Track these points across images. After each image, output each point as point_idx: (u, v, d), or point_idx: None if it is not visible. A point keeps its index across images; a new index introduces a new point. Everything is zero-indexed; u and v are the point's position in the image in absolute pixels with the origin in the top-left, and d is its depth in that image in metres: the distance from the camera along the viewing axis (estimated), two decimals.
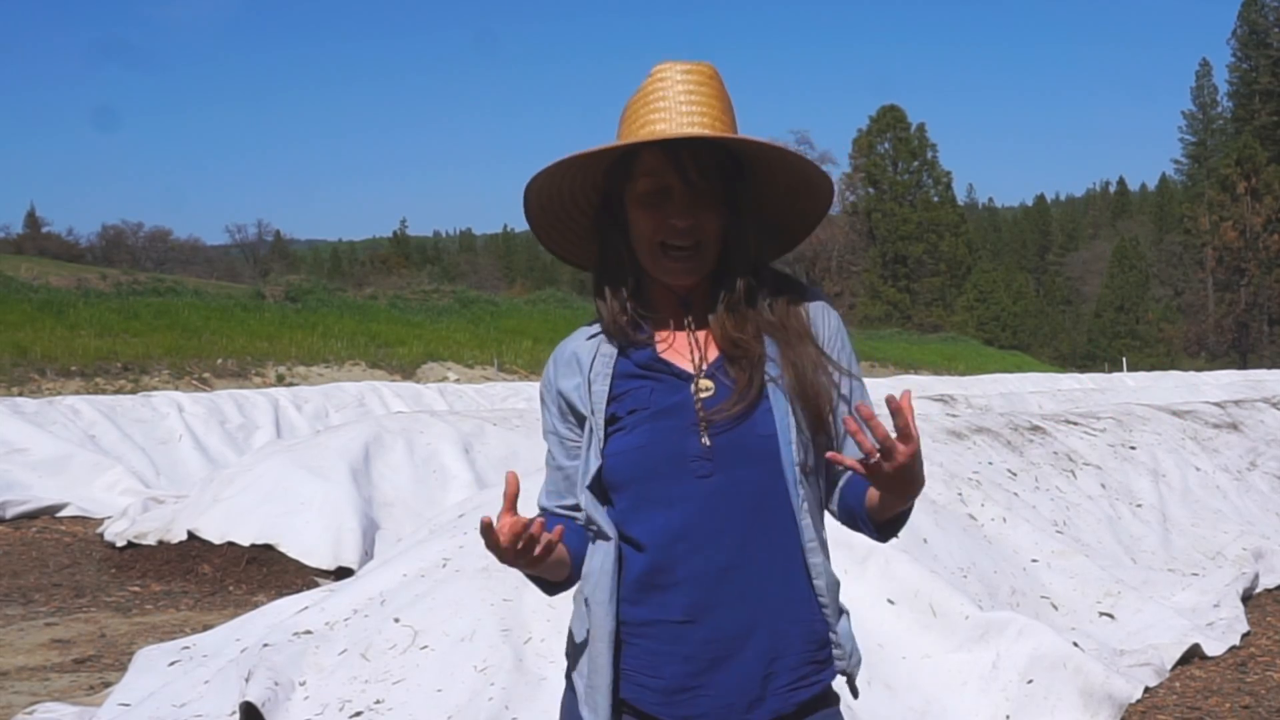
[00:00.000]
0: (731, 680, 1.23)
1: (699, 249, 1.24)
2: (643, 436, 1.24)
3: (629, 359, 1.29)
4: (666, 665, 1.23)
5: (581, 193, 1.31)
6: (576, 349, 1.32)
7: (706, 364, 1.26)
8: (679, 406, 1.25)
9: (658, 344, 1.29)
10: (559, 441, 1.33)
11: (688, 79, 1.25)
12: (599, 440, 1.26)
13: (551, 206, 1.32)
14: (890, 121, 56.22)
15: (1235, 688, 3.64)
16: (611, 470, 1.25)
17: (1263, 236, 48.80)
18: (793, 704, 1.24)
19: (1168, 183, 70.89)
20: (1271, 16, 53.54)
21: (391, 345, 20.68)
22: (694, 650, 1.22)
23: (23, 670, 4.08)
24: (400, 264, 49.08)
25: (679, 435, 1.23)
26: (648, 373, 1.27)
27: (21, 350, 15.03)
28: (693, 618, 1.22)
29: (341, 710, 2.80)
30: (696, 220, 1.23)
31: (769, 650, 1.23)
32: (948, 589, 3.43)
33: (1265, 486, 6.24)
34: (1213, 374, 23.81)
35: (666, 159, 1.22)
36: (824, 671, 1.27)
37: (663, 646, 1.24)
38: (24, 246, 45.39)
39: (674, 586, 1.23)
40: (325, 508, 5.73)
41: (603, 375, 1.28)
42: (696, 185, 1.23)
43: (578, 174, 1.29)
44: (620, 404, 1.27)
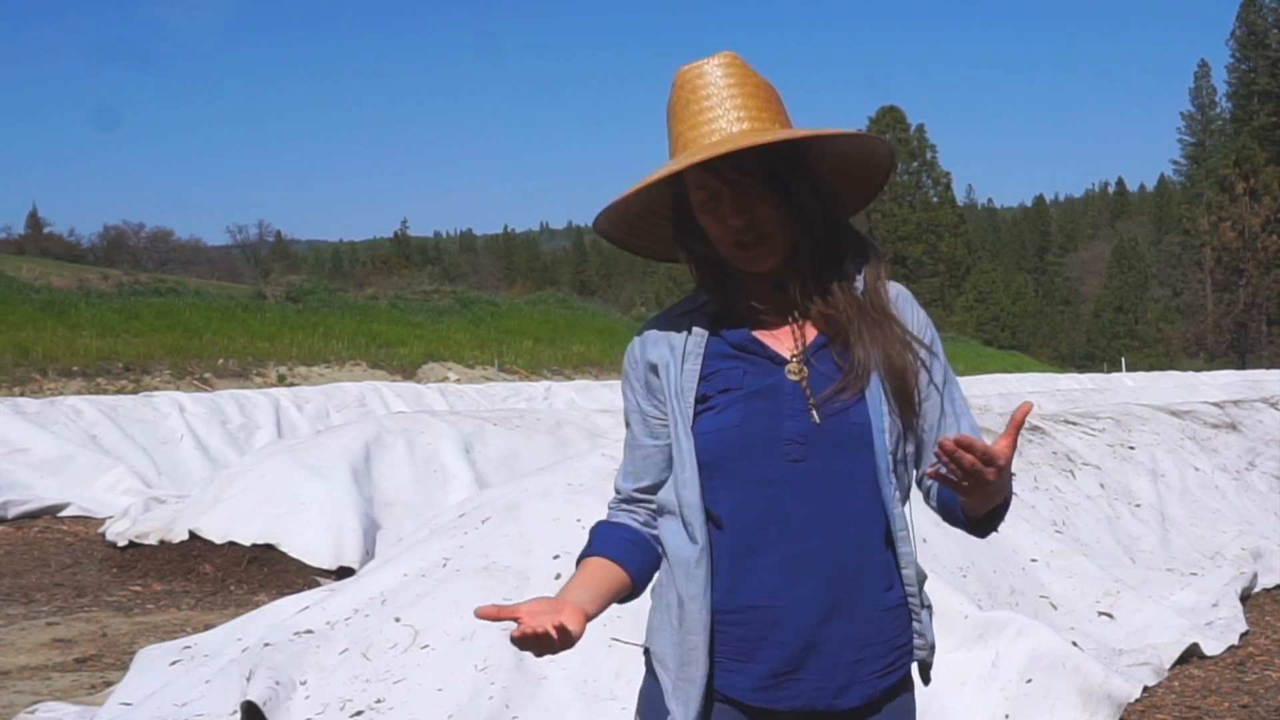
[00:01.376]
0: (823, 666, 1.23)
1: (764, 238, 1.26)
2: (735, 416, 1.25)
3: (722, 339, 1.29)
4: (759, 652, 1.23)
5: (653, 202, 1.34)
6: (667, 326, 1.33)
7: (804, 347, 1.27)
8: (773, 389, 1.25)
9: (755, 325, 1.30)
10: (642, 419, 1.33)
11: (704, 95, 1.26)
12: (688, 419, 1.26)
13: (630, 228, 1.36)
14: (890, 122, 56.23)
15: (1234, 687, 3.65)
16: (704, 449, 1.25)
17: (1261, 237, 48.79)
18: (881, 689, 1.26)
19: (1166, 183, 70.92)
20: (1270, 17, 53.55)
21: (392, 345, 20.69)
22: (786, 636, 1.22)
23: (24, 669, 4.08)
24: (401, 264, 49.05)
25: (772, 417, 1.24)
26: (741, 353, 1.28)
27: (23, 350, 15.04)
28: (784, 603, 1.23)
29: (343, 709, 2.81)
30: (751, 215, 1.25)
31: (859, 637, 1.24)
32: (947, 588, 3.43)
33: (1264, 486, 6.25)
34: (1211, 374, 23.83)
35: (706, 170, 1.25)
36: (906, 657, 1.29)
37: (754, 633, 1.23)
38: (25, 247, 45.38)
39: (765, 571, 1.23)
40: (326, 507, 5.74)
41: (695, 354, 1.28)
42: (740, 184, 1.25)
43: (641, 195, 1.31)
44: (710, 383, 1.27)
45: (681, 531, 1.27)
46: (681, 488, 1.26)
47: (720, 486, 1.25)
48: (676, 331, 1.31)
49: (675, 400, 1.28)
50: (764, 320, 1.30)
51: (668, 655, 1.27)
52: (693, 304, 1.33)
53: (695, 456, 1.25)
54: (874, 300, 1.28)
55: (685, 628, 1.25)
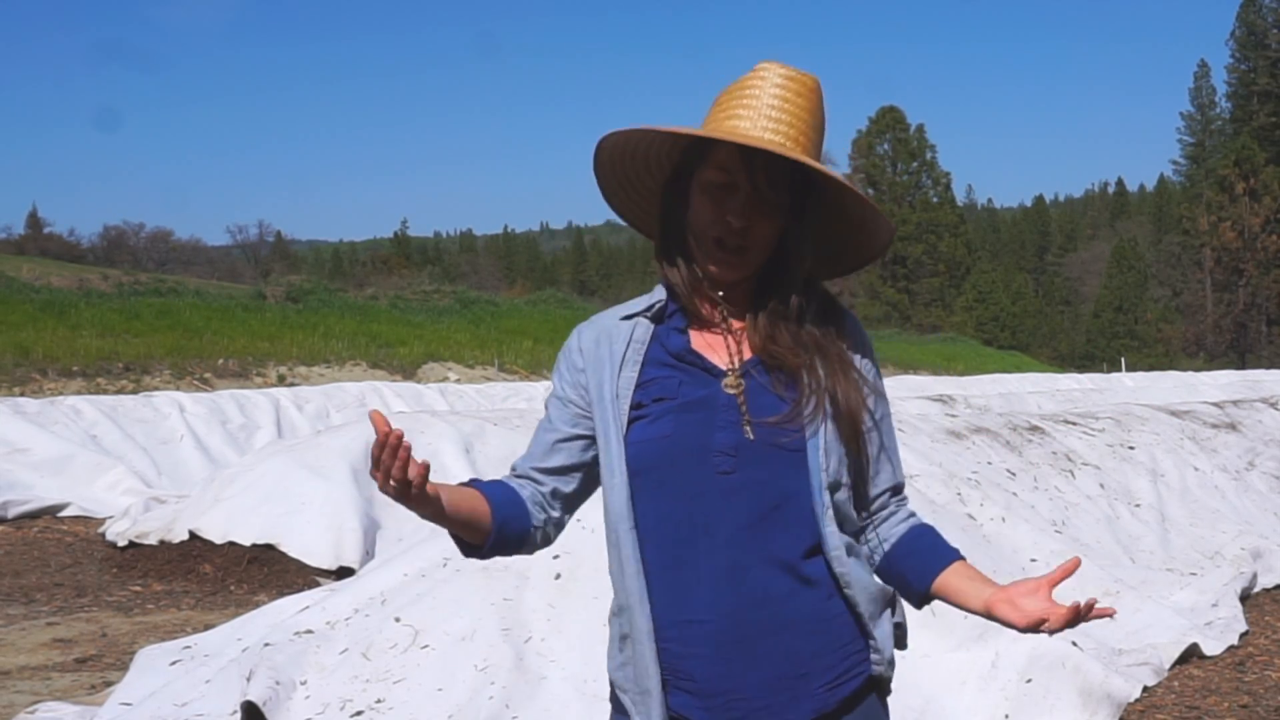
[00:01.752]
0: (766, 682, 1.21)
1: (746, 252, 1.24)
2: (667, 426, 1.23)
3: (662, 346, 1.28)
4: (698, 668, 1.21)
5: (655, 160, 1.31)
6: (609, 327, 1.31)
7: (740, 362, 1.26)
8: (707, 400, 1.24)
9: (692, 336, 1.29)
10: (562, 404, 1.32)
11: (785, 86, 1.25)
12: (621, 426, 1.25)
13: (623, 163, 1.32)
14: (889, 122, 56.23)
15: (1233, 687, 3.65)
16: (634, 458, 1.24)
17: (1261, 237, 48.81)
18: (834, 701, 1.23)
19: (1166, 183, 70.95)
20: (1270, 18, 53.57)
21: (392, 345, 20.70)
22: (722, 652, 1.21)
23: (24, 669, 4.08)
24: (401, 264, 49.08)
25: (703, 429, 1.22)
26: (679, 363, 1.27)
27: (23, 350, 15.05)
28: (716, 617, 1.21)
29: (343, 709, 2.82)
30: (751, 224, 1.23)
31: (801, 649, 1.22)
32: None
33: (1263, 486, 6.25)
34: (1211, 374, 23.83)
35: (740, 158, 1.23)
36: (863, 665, 1.26)
37: (691, 649, 1.22)
38: (26, 247, 45.39)
39: (695, 584, 1.21)
40: (326, 507, 5.74)
41: (633, 361, 1.27)
42: (761, 191, 1.23)
43: (655, 142, 1.28)
44: (646, 391, 1.26)
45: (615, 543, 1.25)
46: (609, 494, 1.25)
47: (650, 497, 1.23)
48: (618, 335, 1.30)
49: (610, 405, 1.26)
50: (704, 325, 1.29)
51: (625, 677, 1.26)
52: (638, 307, 1.32)
53: (625, 464, 1.24)
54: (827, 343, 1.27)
55: (633, 639, 1.23)
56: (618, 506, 1.24)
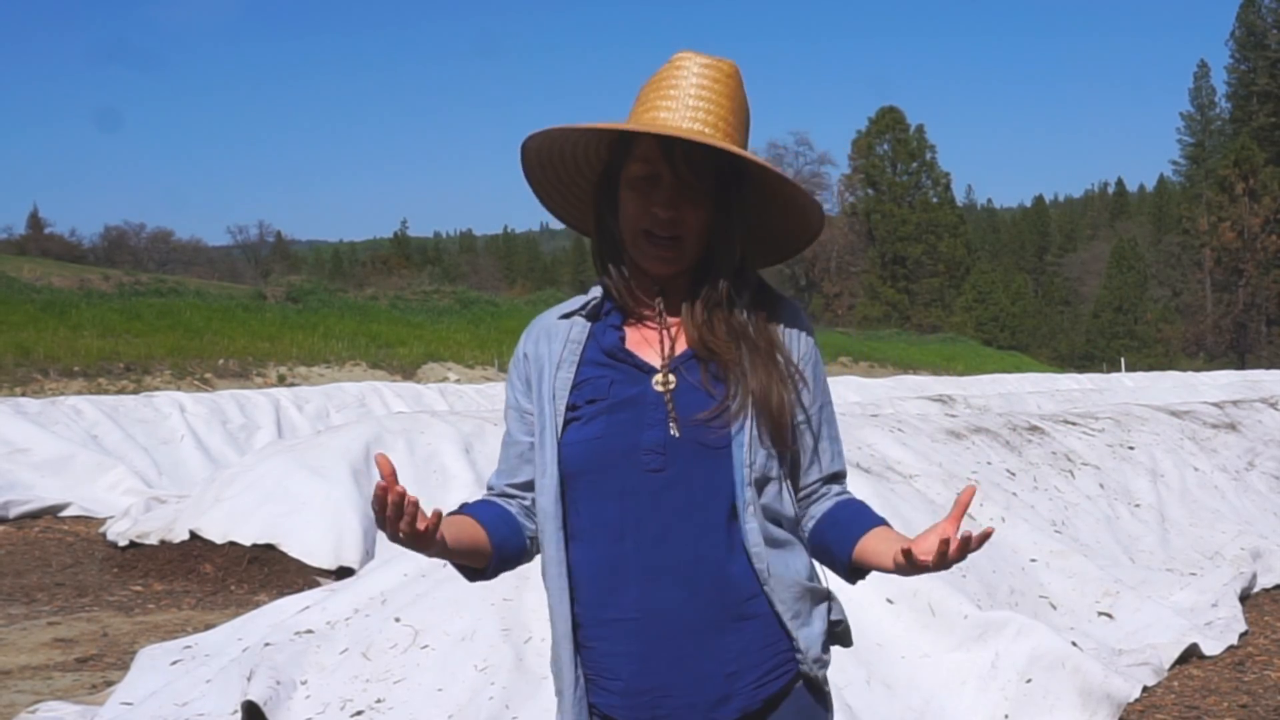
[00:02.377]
0: (691, 679, 1.21)
1: (679, 242, 1.24)
2: (598, 428, 1.24)
3: (597, 345, 1.28)
4: (624, 666, 1.22)
5: (585, 160, 1.31)
6: (549, 326, 1.32)
7: (673, 357, 1.26)
8: (636, 399, 1.24)
9: (628, 333, 1.29)
10: (519, 416, 1.32)
11: (704, 74, 1.25)
12: (556, 428, 1.25)
13: (553, 165, 1.32)
14: (889, 123, 56.23)
15: (1233, 687, 3.65)
16: (567, 460, 1.24)
17: (1260, 237, 48.81)
18: (760, 700, 1.23)
19: (1166, 184, 70.94)
20: (1269, 18, 53.57)
21: (392, 346, 20.72)
22: (648, 649, 1.21)
23: (25, 669, 4.09)
24: (401, 265, 49.08)
25: (632, 428, 1.23)
26: (611, 361, 1.27)
27: (24, 351, 15.06)
28: (642, 616, 1.21)
29: (343, 709, 2.82)
30: (679, 213, 1.23)
31: (730, 647, 1.22)
32: (946, 588, 3.44)
33: (1263, 486, 6.25)
34: (1211, 374, 23.83)
35: (660, 150, 1.23)
36: (787, 664, 1.26)
37: (618, 647, 1.22)
38: (27, 247, 45.38)
39: (625, 583, 1.22)
40: (326, 507, 5.75)
41: (569, 362, 1.28)
42: (685, 179, 1.23)
43: (581, 141, 1.28)
44: (580, 392, 1.26)
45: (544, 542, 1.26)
46: (540, 494, 1.26)
47: (582, 498, 1.24)
48: (557, 335, 1.30)
49: (547, 404, 1.27)
50: (640, 321, 1.29)
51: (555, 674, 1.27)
52: (574, 306, 1.32)
53: (557, 466, 1.24)
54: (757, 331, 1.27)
55: (555, 639, 1.25)
56: (546, 506, 1.25)
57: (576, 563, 1.24)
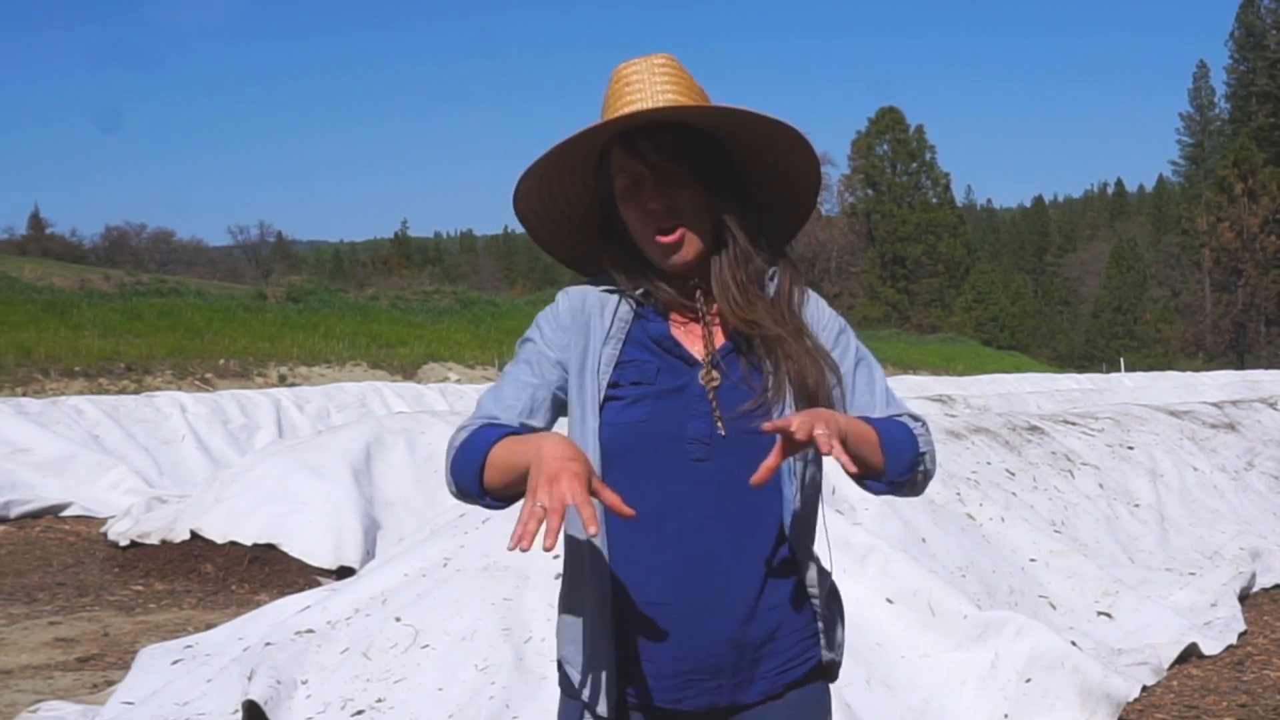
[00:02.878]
0: (724, 664, 1.23)
1: (683, 225, 1.25)
2: (642, 412, 1.24)
3: (643, 328, 1.28)
4: (655, 651, 1.23)
5: (575, 195, 1.33)
6: (595, 297, 1.30)
7: (714, 351, 1.27)
8: (683, 389, 1.25)
9: (672, 322, 1.29)
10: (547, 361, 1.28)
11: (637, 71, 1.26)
12: (596, 401, 1.25)
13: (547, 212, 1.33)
14: (889, 123, 56.23)
15: (1232, 686, 3.66)
16: (609, 440, 1.24)
17: (1260, 237, 48.80)
18: (780, 685, 1.26)
19: (1165, 184, 70.96)
20: (1268, 19, 53.57)
21: (393, 346, 20.72)
22: (683, 634, 1.23)
23: (26, 669, 4.09)
24: (401, 265, 49.12)
25: (678, 417, 1.24)
26: (658, 349, 1.27)
27: (25, 351, 15.06)
28: (682, 601, 1.22)
29: (343, 709, 2.82)
30: (671, 200, 1.24)
31: (759, 634, 1.24)
32: (946, 588, 3.44)
33: (1262, 486, 6.26)
34: (1210, 374, 23.83)
35: (628, 153, 1.24)
36: (813, 650, 1.29)
37: (647, 633, 1.24)
38: (28, 247, 45.41)
39: (662, 567, 1.23)
40: (327, 507, 5.75)
41: (617, 338, 1.27)
42: (661, 168, 1.24)
43: (565, 176, 1.29)
44: (624, 372, 1.26)
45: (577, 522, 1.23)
46: None
47: (621, 480, 1.22)
48: (604, 308, 1.29)
49: (590, 377, 1.26)
50: (682, 314, 1.29)
51: (575, 653, 1.26)
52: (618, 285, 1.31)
53: (599, 444, 1.24)
54: (789, 311, 1.28)
55: (588, 618, 1.24)
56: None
57: (614, 543, 1.25)
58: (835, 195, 57.84)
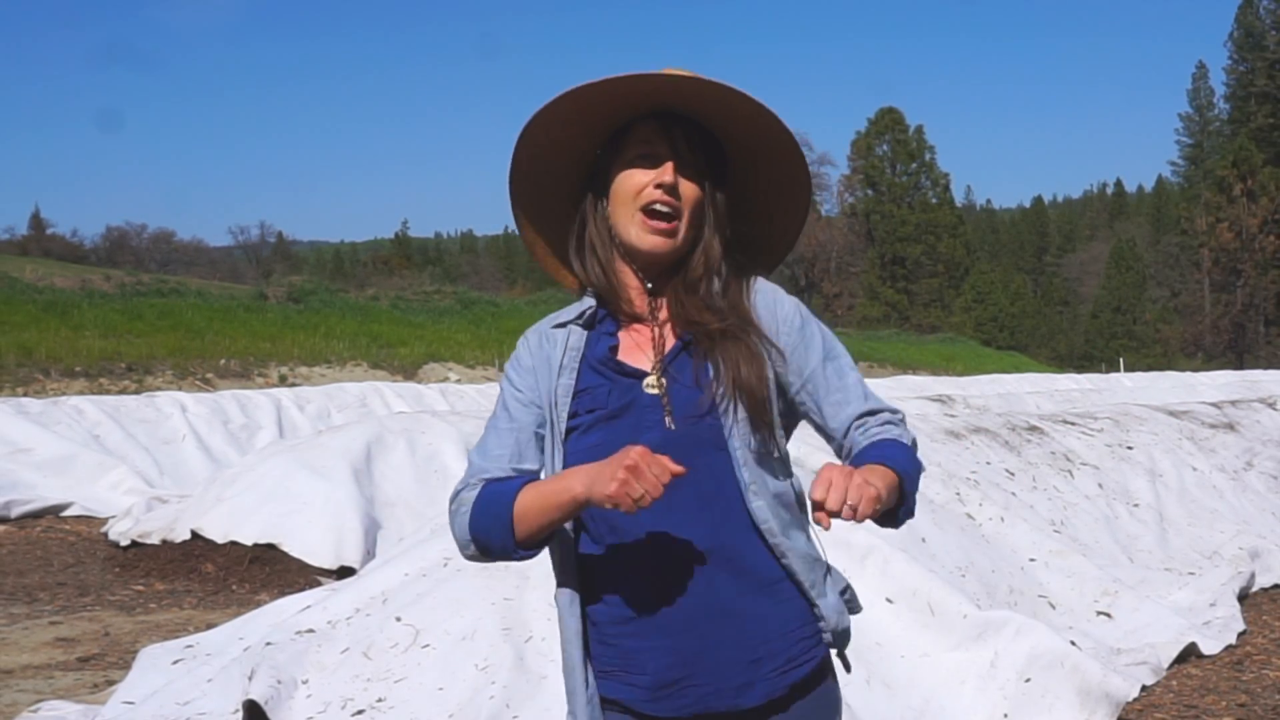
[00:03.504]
0: (717, 669, 1.23)
1: (677, 215, 1.28)
2: (596, 436, 1.26)
3: (593, 353, 1.31)
4: (649, 661, 1.23)
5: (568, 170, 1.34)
6: (547, 333, 1.34)
7: (663, 356, 1.28)
8: (630, 405, 1.26)
9: (621, 340, 1.31)
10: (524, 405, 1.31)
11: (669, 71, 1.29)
12: (560, 434, 1.27)
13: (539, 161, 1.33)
14: (889, 123, 56.24)
15: (1231, 686, 3.66)
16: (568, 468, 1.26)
17: (1259, 238, 48.81)
18: (784, 686, 1.25)
19: (1164, 184, 71.00)
20: (1268, 19, 53.60)
21: (393, 346, 20.72)
22: (673, 643, 1.23)
23: (27, 668, 4.10)
24: (402, 265, 49.14)
25: (630, 433, 1.25)
26: (604, 369, 1.29)
27: (26, 351, 15.06)
28: (665, 610, 1.23)
29: (344, 708, 2.83)
30: (679, 188, 1.27)
31: (751, 635, 1.24)
32: (946, 588, 3.45)
33: (1261, 486, 6.26)
34: (1209, 374, 23.80)
35: (660, 130, 1.28)
36: (814, 649, 1.28)
37: (641, 643, 1.24)
38: (29, 248, 45.44)
39: (641, 580, 1.24)
40: (327, 507, 5.76)
41: (570, 369, 1.30)
42: (684, 156, 1.28)
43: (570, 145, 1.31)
44: (580, 400, 1.28)
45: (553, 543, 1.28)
46: None
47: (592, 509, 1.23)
48: (556, 342, 1.32)
49: (550, 412, 1.29)
50: (632, 323, 1.31)
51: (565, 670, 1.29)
52: (570, 315, 1.34)
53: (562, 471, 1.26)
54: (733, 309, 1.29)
55: (564, 638, 1.27)
56: None
57: (593, 564, 1.26)
58: (835, 195, 57.89)
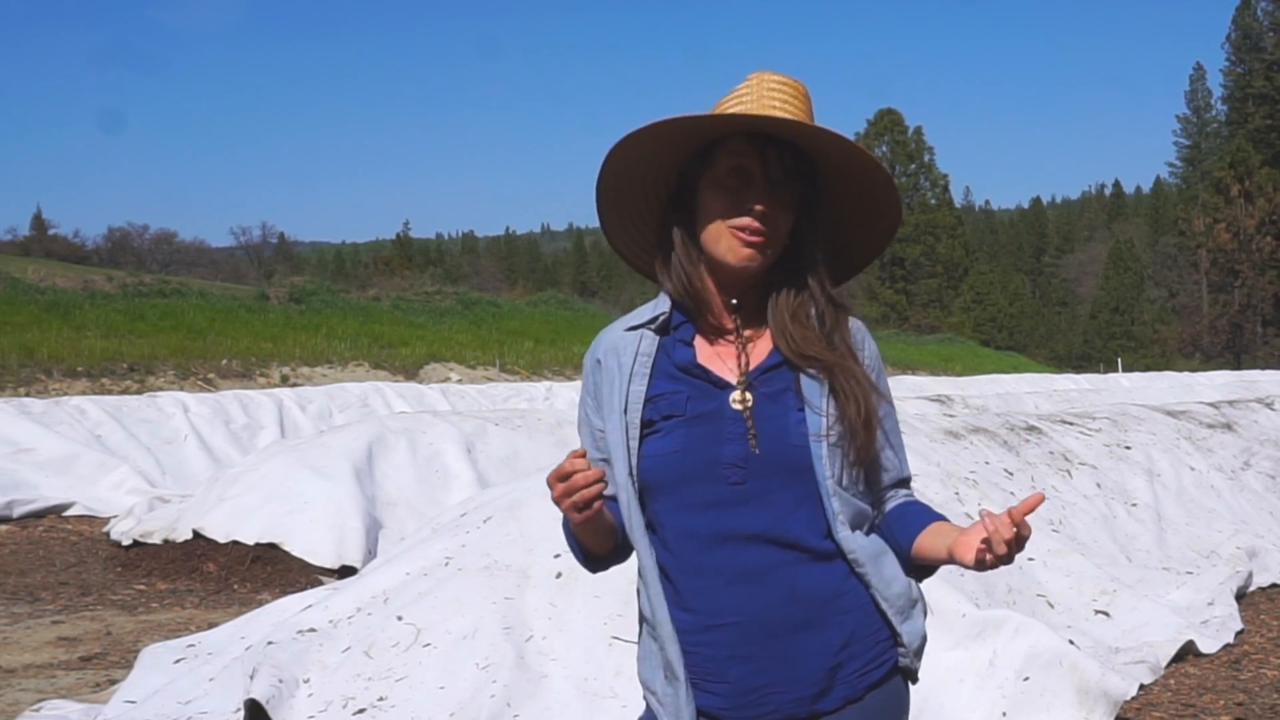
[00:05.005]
0: (798, 677, 1.24)
1: (766, 241, 1.25)
2: (677, 441, 1.25)
3: (669, 359, 1.29)
4: (730, 669, 1.24)
5: (653, 188, 1.32)
6: (616, 341, 1.33)
7: (748, 372, 1.27)
8: (714, 414, 1.26)
9: (699, 348, 1.30)
10: (591, 434, 1.34)
11: (779, 86, 1.27)
12: (634, 439, 1.27)
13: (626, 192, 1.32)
14: (888, 124, 56.24)
15: (1229, 685, 3.68)
16: (647, 472, 1.26)
17: (1256, 238, 48.78)
18: (861, 688, 1.27)
19: (1162, 185, 71.01)
20: (1265, 21, 53.56)
21: (394, 346, 20.71)
22: (753, 651, 1.24)
23: (30, 668, 4.11)
24: (403, 266, 49.08)
25: (712, 442, 1.24)
26: (686, 377, 1.28)
27: (29, 351, 15.05)
28: (743, 619, 1.24)
29: (345, 707, 2.84)
30: (771, 210, 1.24)
31: (832, 643, 1.25)
32: (944, 587, 3.46)
33: (1259, 486, 6.28)
34: (1207, 374, 23.80)
35: (752, 147, 1.24)
36: (889, 652, 1.29)
37: (721, 651, 1.24)
38: (31, 248, 45.41)
39: (719, 590, 1.24)
40: (329, 507, 5.77)
41: (641, 374, 1.28)
42: (776, 178, 1.25)
43: (654, 166, 1.29)
44: (656, 406, 1.27)
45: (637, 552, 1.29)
46: (623, 506, 1.29)
47: (665, 509, 1.26)
48: (626, 348, 1.31)
49: (618, 418, 1.28)
50: (712, 336, 1.30)
51: (653, 679, 1.29)
52: (643, 318, 1.32)
53: (638, 477, 1.27)
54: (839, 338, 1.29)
55: (659, 643, 1.27)
56: (632, 517, 1.28)
57: (669, 572, 1.27)
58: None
